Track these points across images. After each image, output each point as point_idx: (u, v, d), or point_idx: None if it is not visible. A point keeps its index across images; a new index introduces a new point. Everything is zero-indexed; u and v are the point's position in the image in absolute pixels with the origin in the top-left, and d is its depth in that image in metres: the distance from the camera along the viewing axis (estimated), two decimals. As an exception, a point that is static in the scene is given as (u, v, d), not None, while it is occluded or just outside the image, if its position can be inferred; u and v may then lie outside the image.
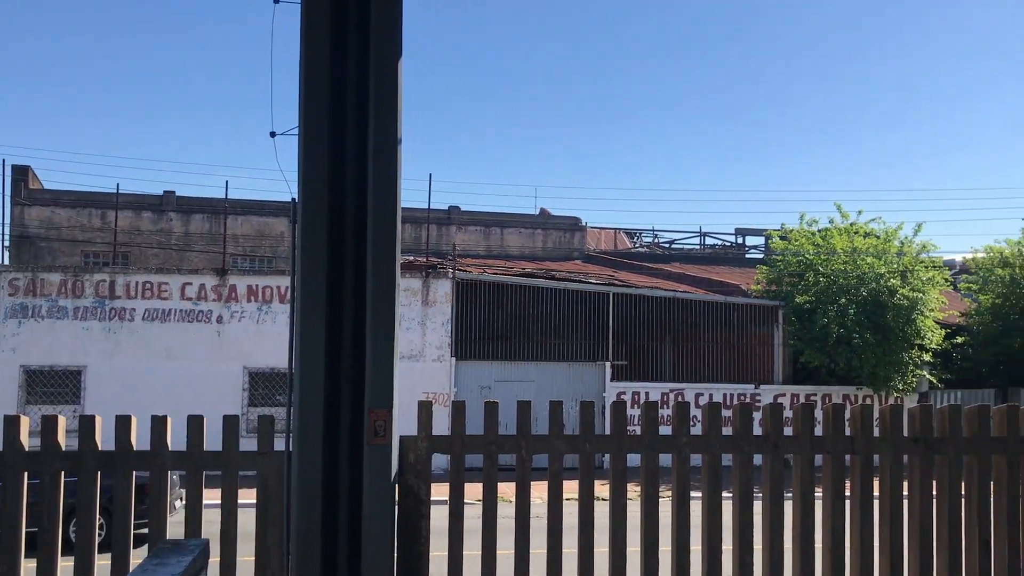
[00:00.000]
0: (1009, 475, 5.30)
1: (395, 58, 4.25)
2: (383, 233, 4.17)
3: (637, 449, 5.04)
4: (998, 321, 23.71)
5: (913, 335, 21.62)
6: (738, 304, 24.43)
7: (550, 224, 34.02)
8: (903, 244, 22.76)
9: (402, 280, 22.48)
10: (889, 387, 21.57)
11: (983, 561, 5.22)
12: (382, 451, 4.15)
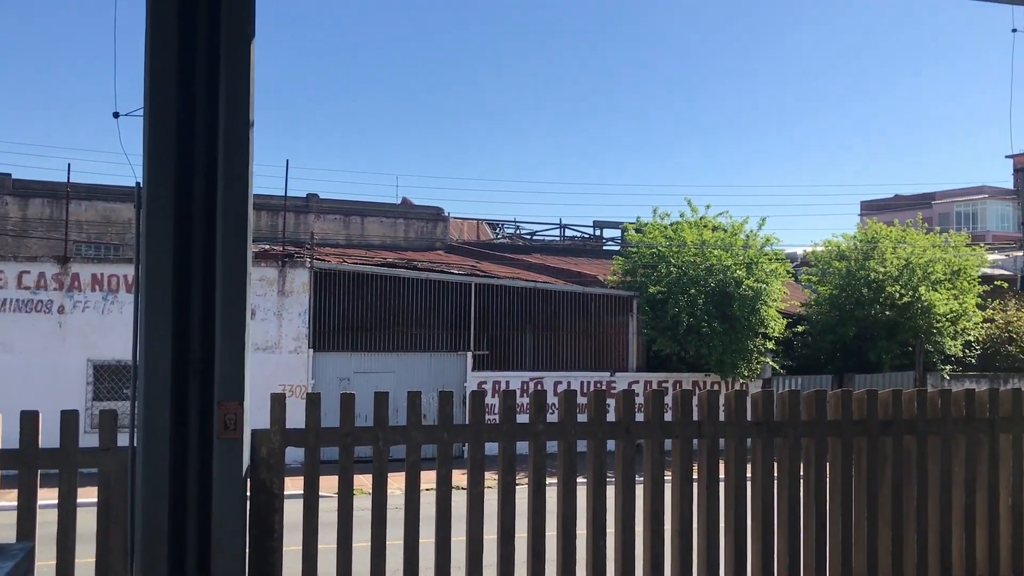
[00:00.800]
0: (843, 456, 5.63)
1: (248, 38, 4.11)
2: (234, 219, 4.03)
3: (495, 438, 5.08)
4: (835, 311, 25.13)
5: (757, 324, 22.67)
6: (596, 295, 24.99)
7: (412, 214, 33.83)
8: (748, 238, 23.82)
9: (257, 269, 21.88)
10: (735, 373, 22.56)
11: (819, 538, 5.53)
12: (232, 445, 4.02)
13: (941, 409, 5.80)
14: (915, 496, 5.74)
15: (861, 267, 25.13)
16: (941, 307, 24.35)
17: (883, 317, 24.29)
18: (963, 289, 25.46)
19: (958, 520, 5.80)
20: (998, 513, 5.88)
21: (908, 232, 26.30)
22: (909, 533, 5.70)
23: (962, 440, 5.83)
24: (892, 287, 24.39)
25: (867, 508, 5.61)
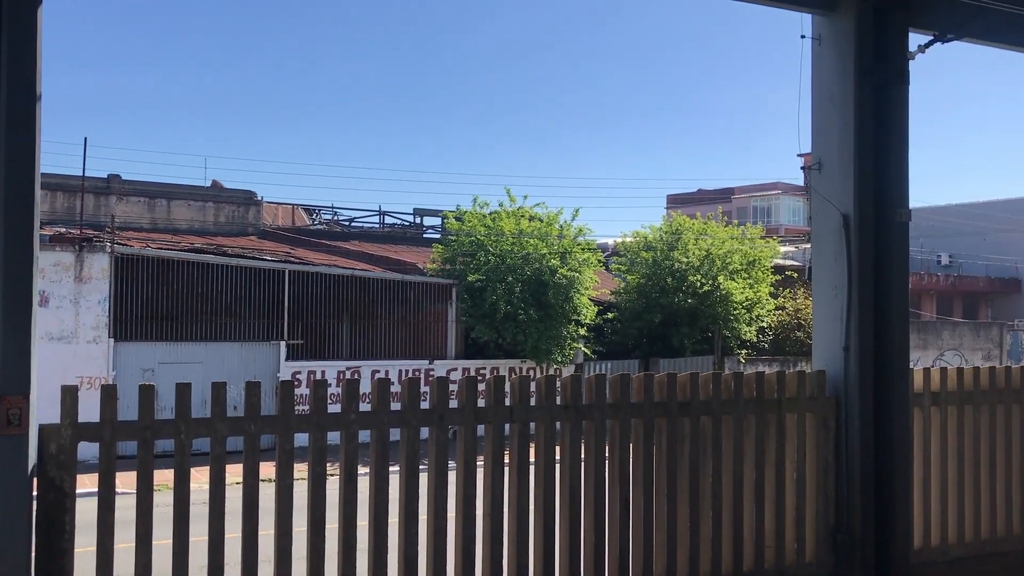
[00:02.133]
0: (645, 436, 5.90)
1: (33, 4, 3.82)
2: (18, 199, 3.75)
3: (305, 428, 4.98)
4: (642, 299, 26.25)
5: (571, 311, 23.36)
6: (415, 282, 24.94)
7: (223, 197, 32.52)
8: (563, 228, 24.48)
9: (51, 254, 20.41)
10: (550, 359, 23.17)
11: (623, 516, 5.77)
12: (16, 442, 3.75)
13: (734, 391, 6.19)
14: (711, 473, 6.09)
15: (666, 257, 26.36)
16: (738, 295, 25.93)
17: (686, 304, 25.59)
18: (758, 279, 27.19)
19: (749, 494, 6.21)
20: (784, 487, 6.33)
21: (709, 225, 27.81)
22: (705, 507, 6.05)
23: (752, 419, 6.24)
24: (694, 276, 25.73)
25: (667, 485, 5.91)
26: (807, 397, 6.42)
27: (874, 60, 6.48)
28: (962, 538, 6.91)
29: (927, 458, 6.84)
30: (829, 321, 6.63)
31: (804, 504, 6.37)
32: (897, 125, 6.56)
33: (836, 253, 6.57)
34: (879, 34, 6.50)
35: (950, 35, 6.40)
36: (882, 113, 6.54)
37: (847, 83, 6.51)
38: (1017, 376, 7.27)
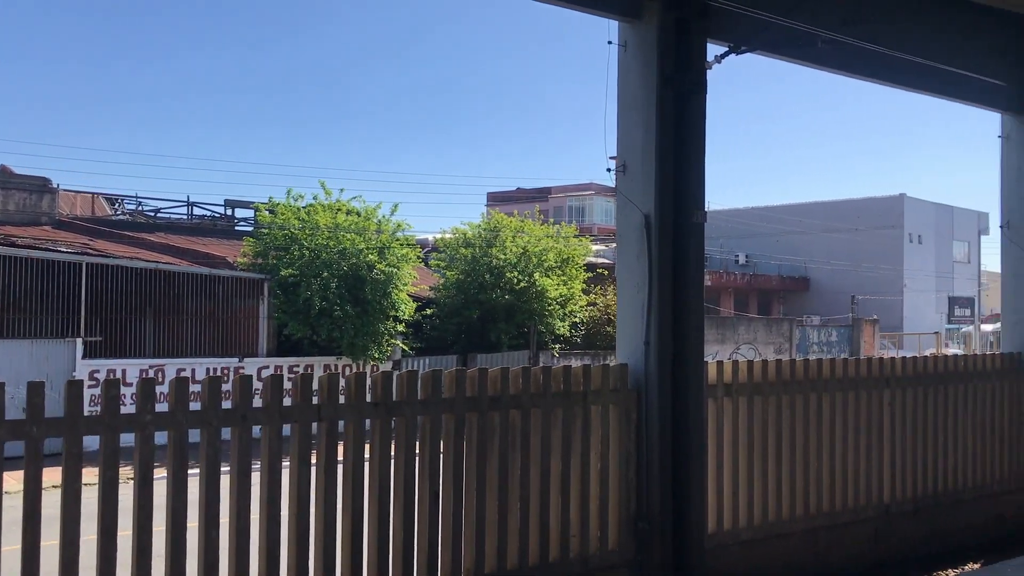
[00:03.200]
0: (456, 432, 5.93)
1: None
2: None
3: (96, 430, 4.69)
4: (461, 295, 26.43)
5: (389, 308, 23.18)
6: (224, 277, 23.99)
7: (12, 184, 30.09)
8: (381, 223, 24.24)
9: None
10: (367, 356, 22.89)
11: (433, 511, 5.78)
12: None
13: (543, 384, 6.33)
14: (520, 466, 6.21)
15: (485, 254, 26.65)
16: (552, 292, 26.57)
17: (503, 301, 25.97)
18: (571, 276, 27.97)
19: (556, 486, 6.37)
20: (589, 478, 6.54)
21: (526, 223, 28.33)
22: (513, 500, 6.15)
23: (560, 412, 6.41)
24: (511, 273, 26.15)
25: (476, 480, 5.97)
26: (611, 390, 6.66)
27: (675, 68, 6.79)
28: (752, 521, 7.37)
29: (721, 446, 7.25)
30: (632, 316, 6.91)
31: (608, 494, 6.60)
32: (696, 131, 6.90)
33: (639, 252, 6.85)
34: (680, 43, 6.81)
35: (743, 47, 6.80)
36: (682, 119, 6.87)
37: (650, 89, 6.79)
38: (800, 368, 7.83)
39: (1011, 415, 9.52)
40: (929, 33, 8.70)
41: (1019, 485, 9.53)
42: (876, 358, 8.69)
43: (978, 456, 9.17)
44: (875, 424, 8.28)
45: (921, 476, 8.62)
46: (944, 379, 8.91)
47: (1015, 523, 9.37)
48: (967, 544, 8.78)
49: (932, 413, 8.76)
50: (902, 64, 8.40)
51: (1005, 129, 9.93)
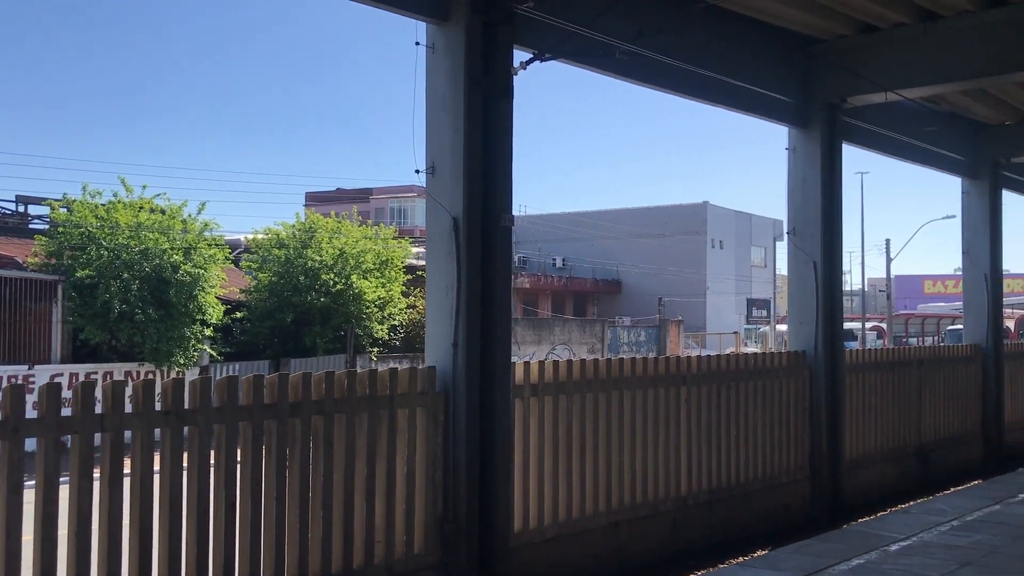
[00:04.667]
0: (255, 440, 5.71)
1: None
2: None
3: None
4: (274, 297, 25.65)
5: (195, 311, 22.16)
6: (12, 278, 22.20)
7: None
8: (187, 222, 23.15)
9: None
10: (171, 362, 21.81)
11: (229, 523, 5.54)
12: None
13: (347, 389, 6.21)
14: (323, 472, 6.06)
15: (299, 255, 25.98)
16: (370, 294, 26.25)
17: (318, 303, 25.41)
18: (390, 278, 27.73)
19: (361, 492, 6.26)
20: (395, 482, 6.47)
21: (344, 224, 27.85)
22: (316, 508, 5.99)
23: (366, 417, 6.30)
24: (327, 275, 25.63)
25: (276, 489, 5.78)
26: (418, 393, 6.61)
27: (483, 72, 6.84)
28: (557, 518, 7.52)
29: (527, 446, 7.35)
30: (441, 319, 6.89)
31: (414, 498, 6.55)
32: (503, 134, 6.98)
33: (448, 254, 6.85)
34: (488, 47, 6.87)
35: (548, 55, 6.94)
36: (490, 122, 6.92)
37: (458, 91, 6.81)
38: (603, 367, 8.07)
39: (797, 410, 10.20)
40: (720, 50, 9.20)
41: (804, 475, 10.22)
42: (674, 357, 9.09)
43: (768, 449, 9.77)
44: (673, 420, 8.65)
45: (716, 469, 9.08)
46: (737, 376, 9.43)
47: (799, 511, 10.05)
48: (757, 532, 9.33)
49: (726, 409, 9.25)
50: (697, 78, 8.83)
51: (792, 142, 10.64)
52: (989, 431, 13.79)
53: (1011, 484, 8.93)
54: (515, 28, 6.99)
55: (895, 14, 9.41)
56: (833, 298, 10.50)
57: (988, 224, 13.89)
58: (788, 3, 9.04)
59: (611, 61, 7.53)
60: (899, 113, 11.74)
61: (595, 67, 7.90)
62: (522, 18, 6.98)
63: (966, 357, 13.64)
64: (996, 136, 13.79)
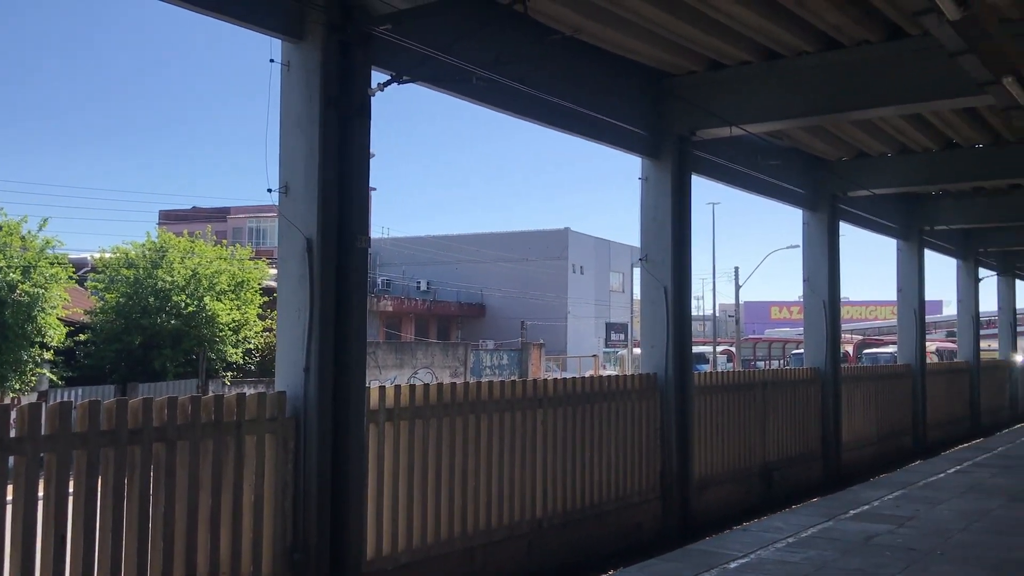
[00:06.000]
0: (89, 468, 5.41)
1: None
2: None
3: None
4: (121, 319, 24.50)
5: (34, 333, 20.92)
6: None
7: None
8: (26, 239, 21.85)
9: None
10: (6, 387, 20.47)
11: (58, 555, 5.21)
12: None
13: (191, 414, 5.97)
14: (164, 502, 5.79)
15: (149, 275, 24.94)
16: (224, 317, 25.43)
17: (169, 326, 24.43)
18: (246, 300, 26.96)
19: (205, 521, 6.02)
20: (242, 510, 6.25)
21: (197, 243, 26.92)
22: (156, 539, 5.72)
23: (211, 443, 6.07)
24: (179, 296, 24.68)
25: (112, 520, 5.48)
26: (268, 419, 6.43)
27: (340, 92, 6.78)
28: (411, 544, 7.44)
29: (381, 472, 7.25)
30: (292, 342, 6.74)
31: (262, 527, 6.35)
32: (360, 155, 6.92)
33: (301, 276, 6.71)
34: (345, 68, 6.81)
35: (405, 77, 6.93)
36: (346, 143, 6.85)
37: (314, 111, 6.71)
38: (461, 391, 8.06)
39: (649, 430, 10.47)
40: (576, 80, 9.43)
41: (655, 495, 10.48)
42: (532, 380, 9.18)
43: (621, 469, 9.97)
44: (530, 443, 8.72)
45: (571, 491, 9.20)
46: (592, 398, 9.60)
47: (651, 530, 10.30)
48: (611, 552, 9.50)
49: (581, 431, 9.40)
50: (553, 106, 9.01)
51: (645, 172, 10.98)
52: (828, 450, 14.53)
53: (845, 501, 9.41)
54: (372, 49, 6.96)
55: (741, 52, 9.88)
56: (683, 322, 10.86)
57: (827, 254, 14.71)
58: (641, 39, 9.36)
59: (469, 86, 7.59)
60: (746, 147, 12.33)
61: (453, 91, 7.95)
62: (380, 40, 6.95)
63: (807, 380, 14.35)
64: (834, 171, 14.66)
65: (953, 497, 9.53)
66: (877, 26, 9.22)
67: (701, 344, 47.29)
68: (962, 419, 21.60)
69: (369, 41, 6.86)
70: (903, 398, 17.81)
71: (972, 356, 22.55)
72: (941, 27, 6.26)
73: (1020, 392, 26.76)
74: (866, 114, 10.97)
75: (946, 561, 6.76)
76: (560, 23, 8.62)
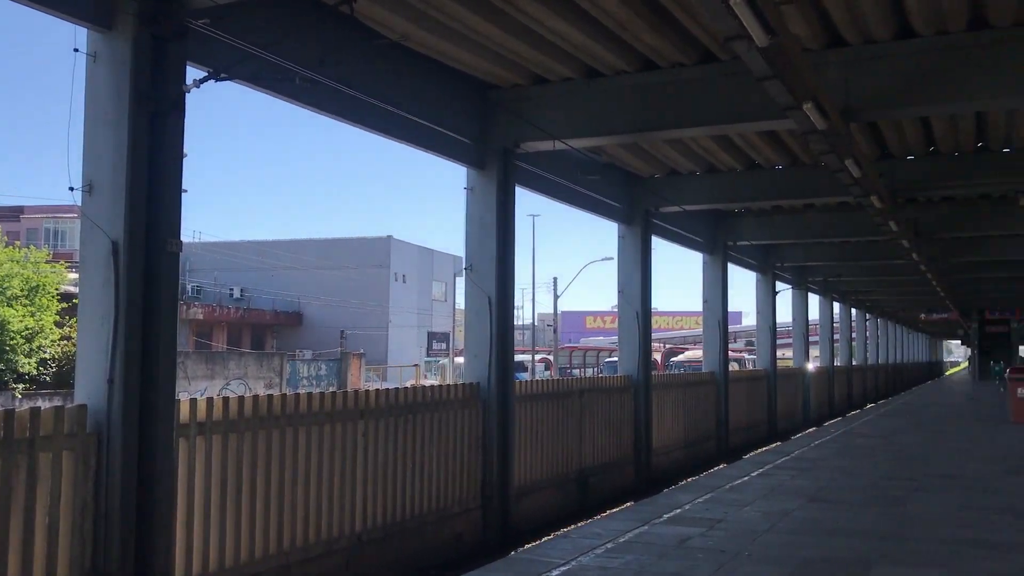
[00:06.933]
0: None
1: None
2: None
3: None
4: None
5: None
6: None
7: None
8: None
9: None
10: None
11: None
12: None
13: (-25, 432, 5.43)
14: (-59, 529, 5.24)
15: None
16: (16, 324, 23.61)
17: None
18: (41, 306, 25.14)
19: (-10, 549, 5.49)
20: (34, 535, 5.74)
21: (-15, 244, 24.93)
22: (-70, 572, 5.17)
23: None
24: (-37, 301, 22.74)
25: None
26: (65, 434, 5.95)
27: (152, 86, 6.39)
28: (224, 563, 7.09)
29: (192, 488, 6.88)
30: (95, 352, 6.28)
31: (57, 551, 5.86)
32: (173, 154, 6.55)
33: (105, 281, 6.27)
34: (157, 61, 6.42)
35: (224, 75, 6.62)
36: (158, 141, 6.47)
37: (123, 106, 6.29)
38: (278, 403, 7.77)
39: (470, 440, 10.49)
40: (404, 86, 9.35)
41: (476, 504, 10.50)
42: (352, 390, 8.98)
43: (442, 480, 9.93)
44: (350, 455, 8.52)
45: (391, 503, 9.06)
46: (414, 409, 9.51)
47: (472, 540, 10.31)
48: (432, 563, 9.43)
49: (403, 442, 9.29)
50: (380, 112, 8.89)
51: (470, 182, 11.03)
52: (640, 455, 15.07)
53: (659, 505, 9.77)
54: (189, 44, 6.61)
55: (564, 68, 10.11)
56: (506, 332, 10.96)
57: (640, 266, 15.28)
58: (468, 49, 9.39)
59: (292, 86, 7.35)
60: (568, 162, 12.63)
61: (275, 92, 7.67)
62: (197, 34, 6.62)
63: (620, 387, 14.83)
64: (648, 187, 15.27)
65: (758, 499, 10.08)
66: (692, 50, 9.67)
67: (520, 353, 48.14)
68: (761, 424, 23.00)
69: (185, 34, 6.51)
70: (708, 404, 18.75)
71: (769, 364, 24.06)
72: (750, 53, 6.62)
73: (812, 398, 28.80)
74: (678, 133, 11.48)
75: (753, 562, 7.12)
76: (388, 28, 8.52)
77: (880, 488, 10.88)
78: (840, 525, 8.59)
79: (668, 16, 8.91)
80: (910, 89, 9.15)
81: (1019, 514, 9.12)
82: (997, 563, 7.07)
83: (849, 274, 28.42)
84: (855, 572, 6.84)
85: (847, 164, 10.26)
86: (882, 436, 17.74)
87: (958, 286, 31.83)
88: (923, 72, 9.05)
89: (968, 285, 32.18)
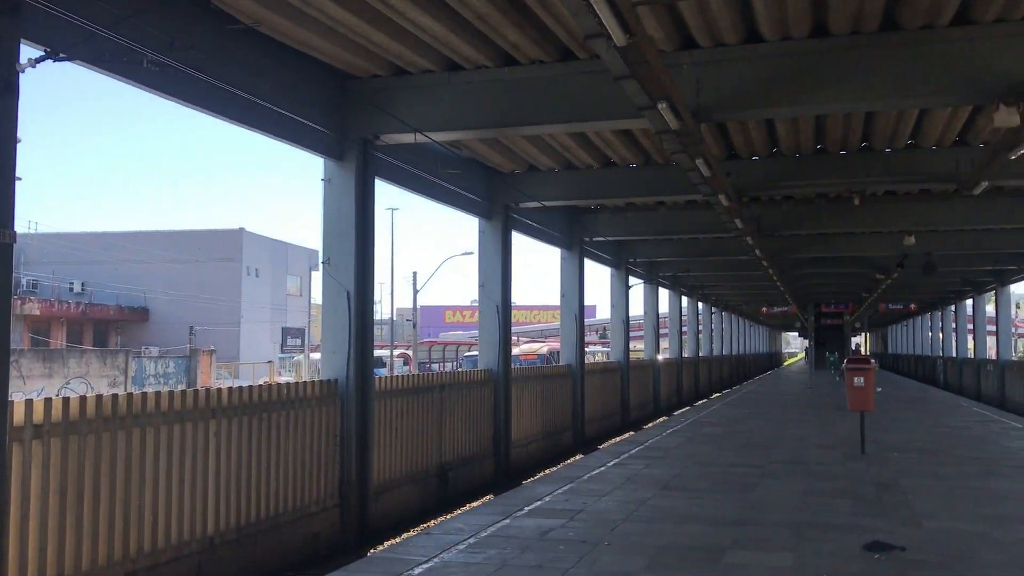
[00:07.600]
0: None
1: None
2: None
3: None
4: None
5: None
6: None
7: None
8: None
9: None
10: None
11: None
12: None
13: None
14: None
15: None
16: None
17: None
18: None
19: None
20: None
21: None
22: None
23: None
24: None
25: None
26: None
27: (-19, 65, 5.92)
28: (62, 571, 6.68)
29: (27, 495, 6.44)
30: (-86, 351, 5.78)
31: None
32: (4, 139, 6.09)
33: (-73, 273, 5.77)
34: (-13, 38, 5.96)
35: (63, 55, 6.22)
36: (-10, 123, 6.01)
37: (-54, 84, 5.81)
38: (123, 403, 7.38)
39: (328, 438, 10.28)
40: (259, 73, 9.03)
41: (334, 503, 10.30)
42: (204, 389, 8.64)
43: (299, 479, 9.69)
44: (201, 456, 8.20)
45: (245, 504, 8.77)
46: (269, 407, 9.23)
47: (329, 539, 10.11)
48: (288, 565, 9.18)
49: (258, 441, 9.01)
50: (233, 98, 8.56)
51: (328, 173, 10.79)
52: (499, 448, 15.18)
53: (520, 498, 9.84)
54: (22, 20, 6.16)
55: (423, 60, 10.02)
56: (365, 327, 10.80)
57: (500, 261, 15.38)
58: (324, 37, 9.17)
59: (138, 70, 6.96)
60: (429, 155, 12.55)
61: (121, 75, 7.25)
62: (33, 9, 6.19)
63: (481, 381, 14.89)
64: (508, 182, 15.37)
65: (615, 489, 10.30)
66: (552, 47, 9.76)
67: (379, 348, 47.65)
68: (615, 414, 23.61)
69: (18, 9, 6.07)
70: (565, 396, 19.09)
71: (623, 356, 24.71)
72: (608, 52, 6.74)
73: (662, 389, 29.77)
74: (537, 130, 11.58)
75: (613, 551, 7.25)
76: (241, 13, 8.21)
77: (729, 475, 11.33)
78: (694, 512, 8.89)
79: (529, 12, 8.96)
80: (757, 91, 9.54)
81: (857, 497, 9.67)
82: (838, 544, 7.47)
83: (697, 269, 29.53)
84: (709, 558, 7.08)
85: (698, 163, 10.62)
86: (729, 424, 18.49)
87: (797, 281, 33.60)
88: (769, 75, 9.45)
89: (806, 280, 34.02)
